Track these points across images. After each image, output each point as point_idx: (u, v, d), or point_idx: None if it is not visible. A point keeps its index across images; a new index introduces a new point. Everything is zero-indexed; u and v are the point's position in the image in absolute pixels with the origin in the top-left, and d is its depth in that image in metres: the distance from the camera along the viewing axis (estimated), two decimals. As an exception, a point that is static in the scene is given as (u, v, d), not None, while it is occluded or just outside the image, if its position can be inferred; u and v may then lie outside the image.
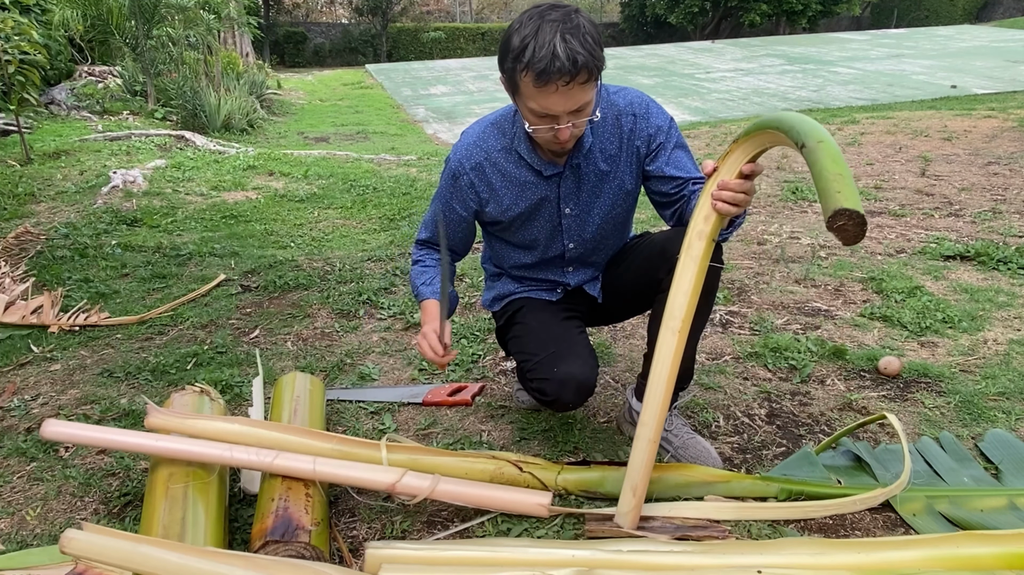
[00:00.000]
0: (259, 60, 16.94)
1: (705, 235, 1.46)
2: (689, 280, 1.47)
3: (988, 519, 1.58)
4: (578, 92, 1.43)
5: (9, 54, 5.54)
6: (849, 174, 1.12)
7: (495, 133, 1.70)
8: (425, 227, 1.88)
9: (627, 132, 1.66)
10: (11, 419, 2.14)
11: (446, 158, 1.75)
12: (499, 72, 1.54)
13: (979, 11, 29.32)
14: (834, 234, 1.08)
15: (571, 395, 1.66)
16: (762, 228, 3.95)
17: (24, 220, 4.26)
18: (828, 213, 1.07)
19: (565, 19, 1.40)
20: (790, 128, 1.26)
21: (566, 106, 1.45)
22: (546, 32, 1.39)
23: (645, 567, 1.39)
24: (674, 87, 12.93)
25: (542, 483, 1.69)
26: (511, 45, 1.43)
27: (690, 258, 1.48)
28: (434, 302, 1.77)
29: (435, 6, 31.25)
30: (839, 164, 1.13)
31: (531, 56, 1.39)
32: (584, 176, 1.69)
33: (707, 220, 1.45)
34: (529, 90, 1.44)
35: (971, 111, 7.66)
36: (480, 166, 1.70)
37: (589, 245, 1.82)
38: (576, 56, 1.37)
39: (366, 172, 5.86)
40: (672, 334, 1.49)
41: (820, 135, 1.19)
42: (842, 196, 1.07)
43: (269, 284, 3.22)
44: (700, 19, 26.29)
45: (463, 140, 1.73)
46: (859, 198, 1.08)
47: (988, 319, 2.67)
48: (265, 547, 1.41)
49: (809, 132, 1.21)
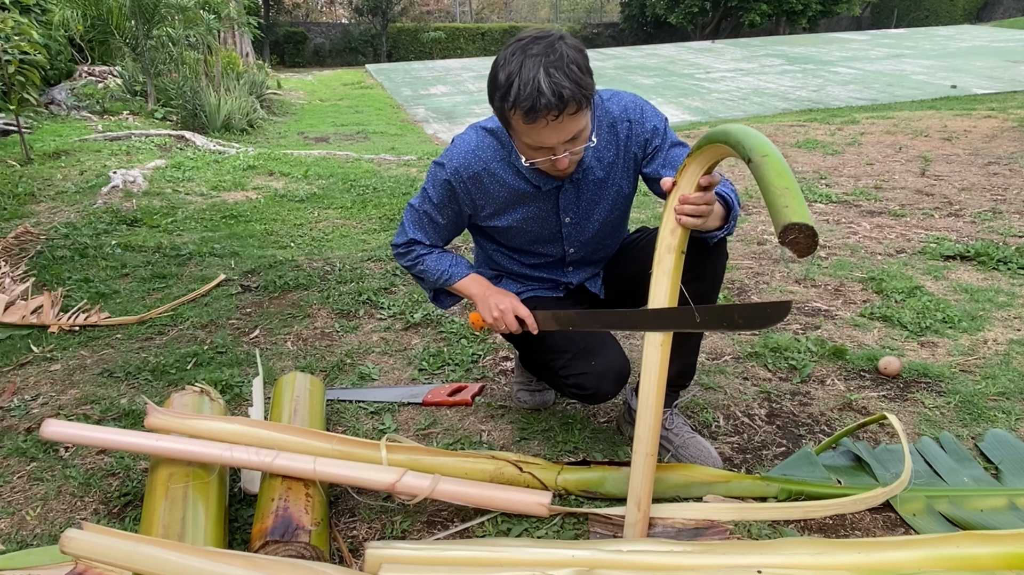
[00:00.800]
0: (259, 60, 16.93)
1: (674, 248, 1.48)
2: (664, 293, 1.49)
3: (988, 519, 1.59)
4: (569, 123, 1.41)
5: (9, 54, 5.54)
6: (796, 187, 1.12)
7: (493, 143, 1.65)
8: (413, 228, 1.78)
9: (623, 139, 1.65)
10: (11, 419, 2.14)
11: (436, 162, 1.69)
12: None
13: (979, 11, 29.31)
14: (787, 247, 1.08)
15: (611, 385, 1.68)
16: (762, 228, 3.95)
17: (24, 220, 4.26)
18: (779, 228, 1.07)
19: (548, 51, 1.37)
20: (737, 143, 1.25)
21: (559, 138, 1.43)
22: (529, 67, 1.35)
23: (645, 567, 1.39)
24: (674, 87, 12.93)
25: (542, 483, 1.69)
26: (498, 82, 1.41)
27: (662, 272, 1.49)
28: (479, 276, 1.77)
29: (435, 6, 31.24)
30: (785, 178, 1.13)
31: (516, 94, 1.36)
32: (583, 186, 1.68)
33: (674, 234, 1.47)
34: (520, 126, 1.42)
35: (971, 111, 7.66)
36: (477, 176, 1.66)
37: (589, 248, 1.81)
38: (561, 90, 1.34)
39: (366, 172, 5.86)
40: (655, 348, 1.49)
41: (765, 149, 1.19)
42: (790, 211, 1.07)
43: (269, 284, 3.22)
44: (700, 19, 26.29)
45: (459, 147, 1.67)
46: (808, 211, 1.08)
47: (988, 319, 2.67)
48: (265, 547, 1.41)
49: (755, 146, 1.21)
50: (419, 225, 1.77)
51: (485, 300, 1.72)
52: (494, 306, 1.69)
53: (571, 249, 1.79)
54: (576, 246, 1.79)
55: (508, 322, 1.68)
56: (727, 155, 1.35)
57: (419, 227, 1.78)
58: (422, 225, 1.77)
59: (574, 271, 1.87)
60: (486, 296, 1.72)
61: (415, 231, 1.78)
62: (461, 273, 1.77)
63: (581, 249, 1.80)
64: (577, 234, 1.76)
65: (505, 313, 1.68)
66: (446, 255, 1.79)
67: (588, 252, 1.83)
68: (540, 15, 33.19)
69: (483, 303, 1.72)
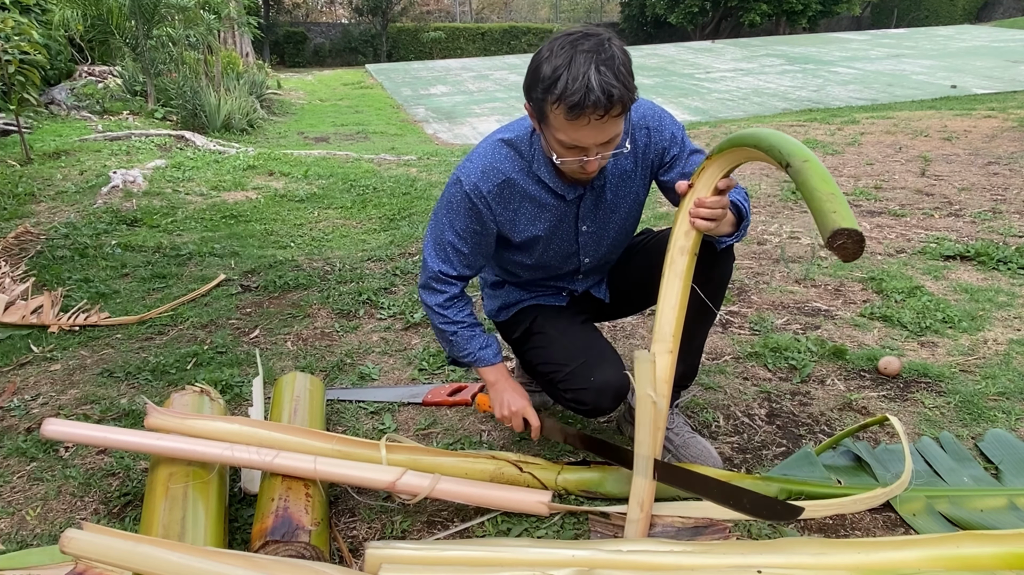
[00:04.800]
0: (259, 60, 16.93)
1: (687, 250, 1.47)
2: (675, 296, 1.48)
3: (988, 519, 1.59)
4: (611, 125, 1.37)
5: (9, 54, 5.54)
6: (840, 192, 1.12)
7: (512, 154, 1.58)
8: (441, 259, 1.65)
9: (641, 146, 1.62)
10: (11, 419, 2.14)
11: (455, 179, 1.60)
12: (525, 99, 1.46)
13: (979, 11, 29.30)
14: (834, 252, 1.08)
15: (609, 402, 1.65)
16: (762, 228, 3.95)
17: (24, 220, 4.26)
18: (827, 234, 1.07)
19: (599, 49, 1.32)
20: (771, 147, 1.24)
21: (597, 139, 1.39)
22: (580, 63, 1.31)
23: (645, 567, 1.39)
24: (674, 87, 12.92)
25: (542, 483, 1.69)
26: (541, 74, 1.35)
27: (674, 274, 1.48)
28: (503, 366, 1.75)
29: (435, 6, 31.23)
30: (829, 183, 1.12)
31: (564, 88, 1.31)
32: (603, 194, 1.65)
33: (687, 236, 1.47)
34: (560, 122, 1.37)
35: (971, 111, 7.66)
36: (498, 189, 1.58)
37: (603, 257, 1.79)
38: (612, 89, 1.31)
39: (366, 172, 5.86)
40: (662, 356, 1.48)
41: (805, 154, 1.18)
42: (839, 216, 1.07)
43: (269, 284, 3.22)
44: (700, 19, 26.28)
45: (476, 161, 1.59)
46: (853, 216, 1.08)
47: (988, 319, 2.67)
48: (265, 547, 1.41)
49: (793, 151, 1.20)
50: (442, 255, 1.65)
51: (500, 394, 1.73)
52: (507, 403, 1.71)
53: (586, 259, 1.76)
54: (591, 255, 1.75)
55: (515, 424, 1.72)
56: (752, 159, 1.34)
57: (442, 257, 1.65)
58: (446, 255, 1.65)
59: (583, 280, 1.84)
60: (502, 390, 1.73)
61: (437, 262, 1.66)
62: (487, 360, 1.73)
63: (595, 258, 1.77)
64: (594, 243, 1.72)
65: (515, 415, 1.71)
66: (478, 335, 1.72)
67: (601, 261, 1.80)
68: (540, 15, 33.19)
69: (496, 396, 1.74)
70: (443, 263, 1.66)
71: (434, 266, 1.66)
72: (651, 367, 1.46)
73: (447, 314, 1.70)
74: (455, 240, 1.63)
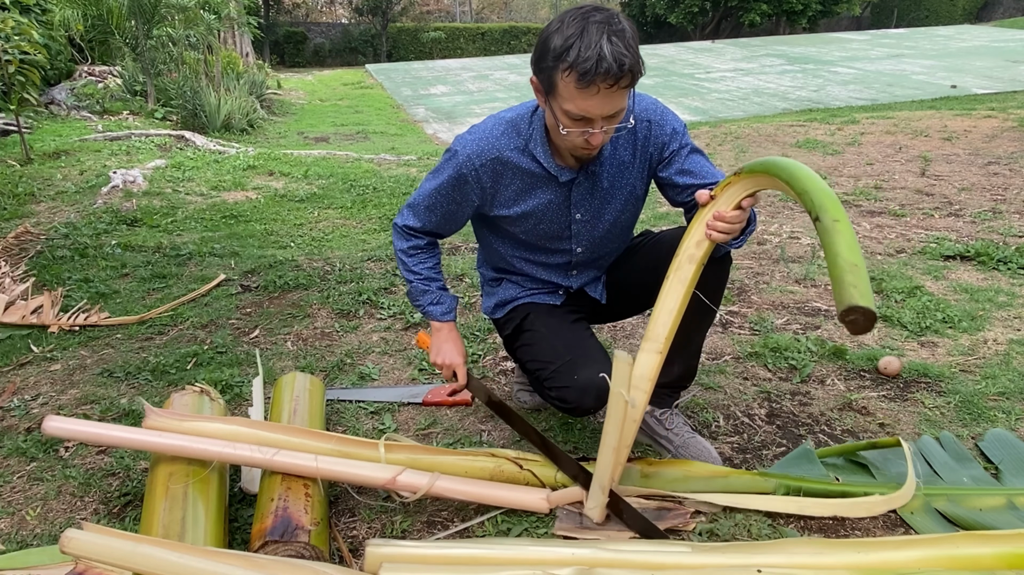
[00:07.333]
0: (259, 60, 16.94)
1: (696, 259, 1.47)
2: (674, 301, 1.48)
3: (988, 519, 1.59)
4: (618, 96, 1.40)
5: (9, 54, 5.54)
6: (863, 264, 1.08)
7: (510, 131, 1.63)
8: (414, 213, 1.77)
9: (641, 138, 1.63)
10: (11, 419, 2.14)
11: (451, 149, 1.66)
12: (532, 72, 1.49)
13: (979, 11, 29.31)
14: (843, 325, 1.05)
15: (592, 401, 1.65)
16: (762, 228, 3.95)
17: (24, 220, 4.26)
18: (842, 307, 1.04)
19: (610, 21, 1.37)
20: (805, 192, 1.20)
21: (603, 110, 1.41)
22: (592, 33, 1.34)
23: (645, 566, 1.39)
24: (674, 87, 12.93)
25: (541, 481, 1.69)
26: (551, 44, 1.38)
27: (678, 280, 1.48)
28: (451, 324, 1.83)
29: (435, 6, 31.25)
30: (855, 253, 1.09)
31: (576, 56, 1.34)
32: (597, 182, 1.66)
33: (699, 246, 1.46)
34: (569, 91, 1.39)
35: (971, 111, 7.66)
36: (491, 163, 1.63)
37: (596, 250, 1.80)
38: (623, 59, 1.34)
39: (366, 172, 5.86)
40: (650, 355, 1.49)
41: (838, 212, 1.14)
42: (857, 293, 1.04)
43: (269, 284, 3.22)
44: (700, 19, 26.30)
45: (474, 134, 1.65)
46: (872, 293, 1.05)
47: (988, 319, 2.68)
48: (265, 547, 1.41)
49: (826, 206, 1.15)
50: (416, 211, 1.77)
51: (440, 343, 1.84)
52: (443, 353, 1.83)
53: (579, 248, 1.77)
54: (584, 245, 1.77)
55: (445, 374, 1.85)
56: (780, 190, 1.31)
57: (415, 212, 1.77)
58: (419, 212, 1.76)
59: (578, 274, 1.85)
60: (443, 340, 1.83)
61: (412, 217, 1.78)
62: (434, 315, 1.82)
63: (588, 249, 1.78)
64: (587, 232, 1.74)
65: (447, 367, 1.83)
66: (432, 290, 1.81)
67: (595, 253, 1.81)
68: (540, 15, 33.20)
69: (436, 344, 1.84)
70: (414, 218, 1.78)
71: (407, 217, 1.79)
72: (627, 367, 1.47)
73: (408, 262, 1.81)
74: (431, 202, 1.73)
